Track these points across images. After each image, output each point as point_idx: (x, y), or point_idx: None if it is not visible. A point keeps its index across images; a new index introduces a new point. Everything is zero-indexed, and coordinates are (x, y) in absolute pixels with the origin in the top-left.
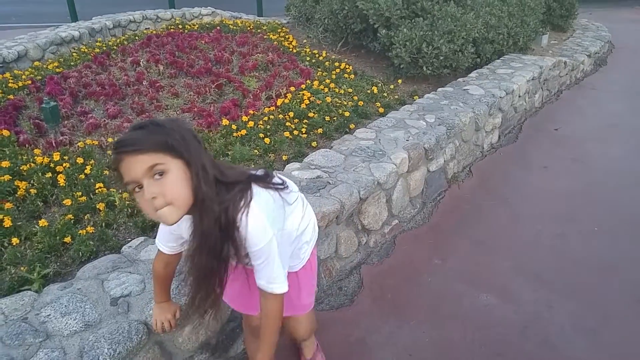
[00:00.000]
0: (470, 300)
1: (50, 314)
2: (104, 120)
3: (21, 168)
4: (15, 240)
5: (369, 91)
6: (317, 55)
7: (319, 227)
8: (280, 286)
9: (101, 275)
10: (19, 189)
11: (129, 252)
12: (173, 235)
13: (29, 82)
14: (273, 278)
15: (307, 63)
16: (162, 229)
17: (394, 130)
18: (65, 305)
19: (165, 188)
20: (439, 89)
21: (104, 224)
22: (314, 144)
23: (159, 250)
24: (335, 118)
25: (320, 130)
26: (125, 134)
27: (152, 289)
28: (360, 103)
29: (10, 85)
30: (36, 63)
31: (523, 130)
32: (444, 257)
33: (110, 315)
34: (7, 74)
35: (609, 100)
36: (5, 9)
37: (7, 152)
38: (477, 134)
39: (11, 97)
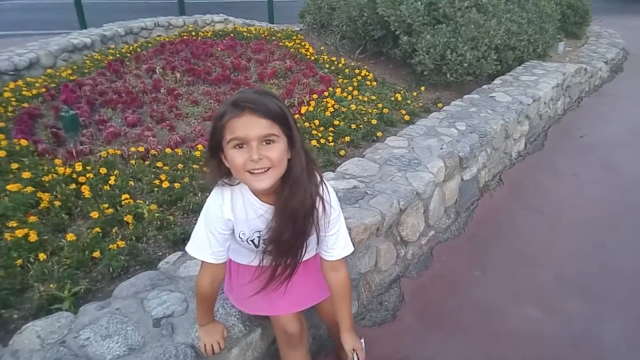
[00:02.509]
0: (517, 314)
1: (90, 337)
2: (124, 129)
3: (43, 179)
4: (42, 256)
5: (392, 98)
6: (335, 62)
7: (361, 240)
8: (351, 246)
9: (140, 294)
10: (42, 201)
11: (167, 268)
12: (222, 236)
13: (43, 90)
14: (346, 241)
15: (326, 70)
16: (206, 234)
17: (426, 138)
18: (106, 327)
19: (273, 154)
20: (465, 96)
21: (133, 238)
22: (342, 152)
23: (203, 265)
24: (361, 126)
25: (347, 139)
26: (248, 95)
27: (195, 308)
28: (385, 110)
29: (24, 93)
30: (49, 70)
31: (548, 138)
32: (484, 268)
33: (154, 338)
34: (20, 82)
35: (631, 107)
36: (14, 17)
37: (27, 163)
38: (506, 141)
39: (26, 105)
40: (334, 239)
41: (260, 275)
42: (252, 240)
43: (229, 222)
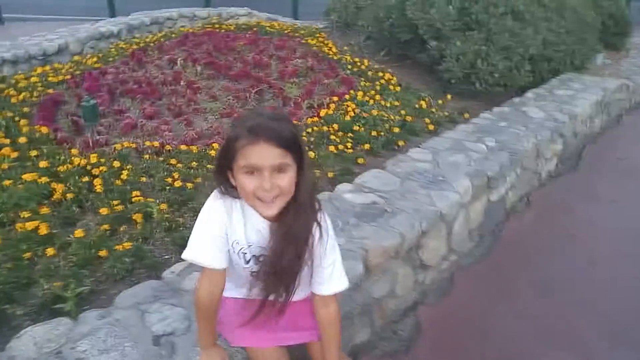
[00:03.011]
0: (546, 358)
1: (86, 350)
2: (141, 121)
3: (58, 169)
4: (50, 251)
5: (416, 106)
6: (358, 64)
7: (377, 264)
8: (346, 280)
9: (141, 306)
10: (55, 192)
11: (171, 278)
12: (221, 240)
13: (69, 76)
14: (341, 274)
15: (348, 71)
16: (204, 237)
17: (453, 153)
18: (104, 340)
19: (284, 183)
20: (495, 109)
21: (140, 239)
22: (360, 160)
23: (202, 272)
24: (382, 133)
25: (367, 146)
26: (264, 120)
27: (196, 327)
28: (408, 118)
29: (50, 78)
30: (76, 57)
31: (583, 158)
32: (510, 302)
33: (152, 358)
34: (48, 67)
35: None
36: (49, 2)
37: (45, 151)
38: (536, 161)
39: (51, 91)
40: (330, 271)
41: (247, 307)
42: (244, 254)
43: (226, 226)
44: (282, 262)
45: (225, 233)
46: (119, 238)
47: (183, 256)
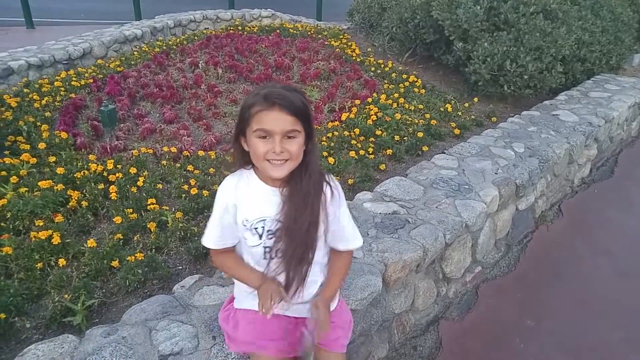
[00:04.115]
0: None
1: None
2: (160, 126)
3: (75, 175)
4: (62, 262)
5: (441, 109)
6: (382, 66)
7: (398, 278)
8: (361, 238)
9: (149, 322)
10: (71, 199)
11: (182, 293)
12: (228, 224)
13: (91, 80)
14: (357, 232)
15: (371, 74)
16: (213, 222)
17: (480, 159)
18: None
19: (293, 147)
20: (524, 113)
21: (153, 248)
22: (382, 166)
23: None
24: (405, 138)
25: (389, 151)
26: (279, 90)
27: (205, 347)
28: (433, 122)
29: (73, 83)
30: (99, 61)
31: (619, 164)
32: (538, 317)
33: None
34: (71, 72)
35: None
36: (76, 6)
37: (64, 156)
38: (569, 167)
39: (73, 95)
40: (351, 227)
41: (261, 320)
42: (255, 228)
43: (234, 207)
44: (298, 224)
45: (233, 210)
46: (133, 247)
47: (202, 242)
